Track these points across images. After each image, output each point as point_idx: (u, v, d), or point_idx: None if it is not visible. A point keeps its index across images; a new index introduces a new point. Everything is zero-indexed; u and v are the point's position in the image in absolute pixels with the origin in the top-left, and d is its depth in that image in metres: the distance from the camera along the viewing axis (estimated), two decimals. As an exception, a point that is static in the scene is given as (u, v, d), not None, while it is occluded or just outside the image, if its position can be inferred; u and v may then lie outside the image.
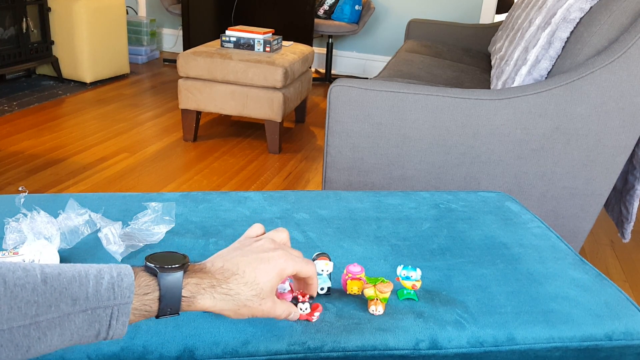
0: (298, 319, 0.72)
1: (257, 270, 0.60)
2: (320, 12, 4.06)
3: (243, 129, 3.08)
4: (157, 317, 0.56)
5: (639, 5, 1.42)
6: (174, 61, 4.43)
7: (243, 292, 0.59)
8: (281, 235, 0.69)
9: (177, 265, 0.56)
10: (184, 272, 0.57)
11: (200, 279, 0.57)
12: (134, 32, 4.42)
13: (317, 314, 0.72)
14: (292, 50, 2.88)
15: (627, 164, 1.63)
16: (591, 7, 1.51)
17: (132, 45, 4.38)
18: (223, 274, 0.59)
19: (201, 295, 0.57)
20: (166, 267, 0.56)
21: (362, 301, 0.77)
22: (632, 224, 1.64)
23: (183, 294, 0.56)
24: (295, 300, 0.71)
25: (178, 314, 0.56)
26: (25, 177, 2.28)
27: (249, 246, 0.64)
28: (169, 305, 0.55)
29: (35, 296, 0.48)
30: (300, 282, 0.70)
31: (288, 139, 2.99)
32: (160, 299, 0.55)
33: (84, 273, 0.52)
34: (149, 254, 0.59)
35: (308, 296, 0.71)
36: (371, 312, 0.75)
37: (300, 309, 0.70)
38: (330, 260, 0.76)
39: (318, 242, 0.93)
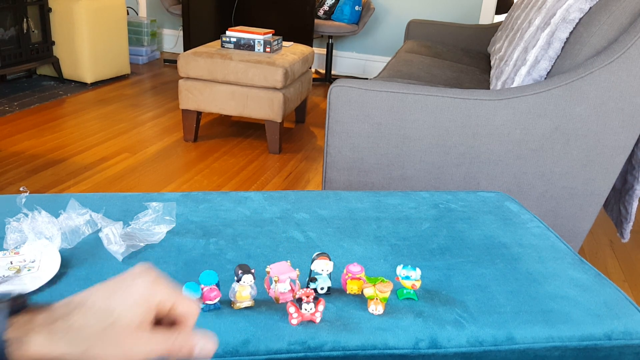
0: (302, 320, 0.72)
1: (111, 297, 0.46)
2: (320, 12, 4.06)
3: (243, 129, 3.08)
4: None
5: (639, 6, 1.43)
6: (175, 62, 4.43)
7: (91, 323, 0.44)
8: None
9: None
10: (10, 311, 0.44)
11: (33, 316, 0.44)
12: (135, 33, 4.42)
13: (319, 311, 0.72)
14: (292, 51, 2.88)
15: (626, 164, 1.63)
16: (590, 8, 1.51)
17: (132, 46, 4.38)
18: (68, 306, 0.45)
19: (32, 337, 0.43)
20: None
21: (362, 301, 0.77)
22: (631, 223, 1.65)
23: (5, 336, 0.42)
24: (299, 301, 0.71)
25: None
26: (26, 177, 2.28)
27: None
28: None
29: None
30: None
31: (288, 139, 2.99)
32: None
33: None
34: None
35: (312, 296, 0.71)
36: (371, 311, 0.75)
37: (305, 310, 0.70)
38: (330, 260, 0.76)
39: (318, 242, 0.93)
